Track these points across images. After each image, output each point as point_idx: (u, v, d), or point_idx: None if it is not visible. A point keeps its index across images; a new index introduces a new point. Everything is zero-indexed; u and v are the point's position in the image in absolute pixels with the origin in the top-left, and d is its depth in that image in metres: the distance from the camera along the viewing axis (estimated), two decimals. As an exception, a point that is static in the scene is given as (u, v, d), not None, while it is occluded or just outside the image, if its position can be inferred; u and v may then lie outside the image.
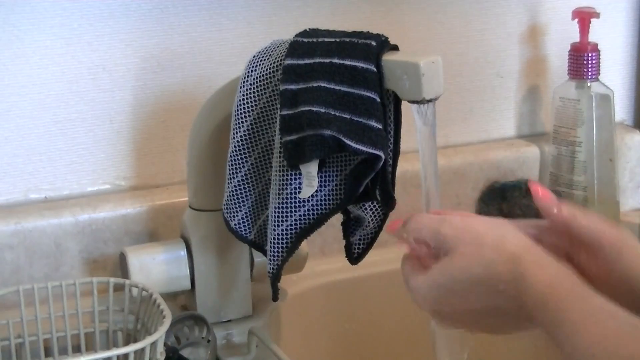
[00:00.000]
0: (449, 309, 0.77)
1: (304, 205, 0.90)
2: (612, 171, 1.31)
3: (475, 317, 0.77)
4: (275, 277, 0.93)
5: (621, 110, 1.41)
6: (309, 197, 0.89)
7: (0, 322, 0.95)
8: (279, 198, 0.90)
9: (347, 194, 0.90)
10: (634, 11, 1.40)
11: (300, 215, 0.91)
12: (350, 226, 0.95)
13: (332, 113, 0.85)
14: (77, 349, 0.98)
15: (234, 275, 1.05)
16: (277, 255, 0.92)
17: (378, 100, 0.85)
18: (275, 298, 0.95)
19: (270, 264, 0.93)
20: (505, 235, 0.75)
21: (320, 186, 0.90)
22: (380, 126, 0.85)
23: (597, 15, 1.29)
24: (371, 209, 0.93)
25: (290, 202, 0.90)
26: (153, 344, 0.86)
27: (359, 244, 0.95)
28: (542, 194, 0.81)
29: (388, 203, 0.90)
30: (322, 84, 0.86)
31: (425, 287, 0.77)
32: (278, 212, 0.91)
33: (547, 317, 0.70)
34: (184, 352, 0.96)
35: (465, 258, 0.74)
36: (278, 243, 0.91)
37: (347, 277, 1.16)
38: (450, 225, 0.77)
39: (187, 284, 1.03)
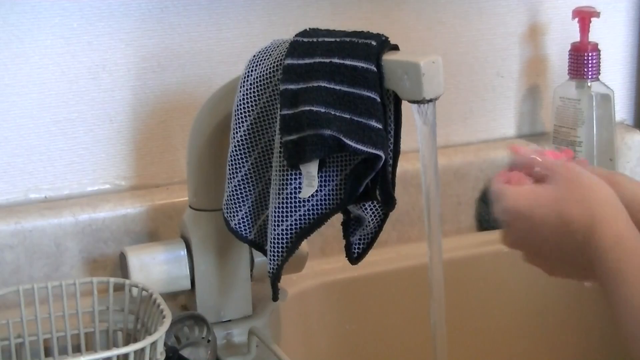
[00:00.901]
0: (525, 232, 0.82)
1: (304, 205, 0.90)
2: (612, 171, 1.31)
3: (546, 252, 0.83)
4: (275, 277, 0.93)
5: (621, 110, 1.41)
6: (309, 197, 0.89)
7: (0, 322, 0.95)
8: (279, 198, 0.90)
9: (347, 194, 0.90)
10: (634, 11, 1.40)
11: (300, 215, 0.91)
12: (350, 226, 0.95)
13: (333, 113, 0.85)
14: (77, 349, 0.98)
15: (234, 275, 1.05)
16: (277, 255, 0.92)
17: (378, 100, 0.85)
18: (275, 298, 0.95)
19: (270, 263, 0.93)
20: (596, 191, 0.81)
21: (320, 186, 0.90)
22: (380, 126, 0.85)
23: (597, 14, 1.29)
24: (371, 209, 0.93)
25: (290, 202, 0.90)
26: (153, 344, 0.86)
27: (359, 243, 0.95)
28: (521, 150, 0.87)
29: (388, 203, 0.90)
30: (323, 84, 0.86)
31: (514, 196, 0.83)
32: (278, 212, 0.91)
33: (607, 269, 0.76)
34: (184, 352, 0.96)
35: (555, 192, 0.81)
36: (278, 243, 0.91)
37: (347, 277, 1.16)
38: (565, 167, 0.83)
39: (187, 284, 1.03)
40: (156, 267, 1.02)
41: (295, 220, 0.91)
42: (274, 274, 0.93)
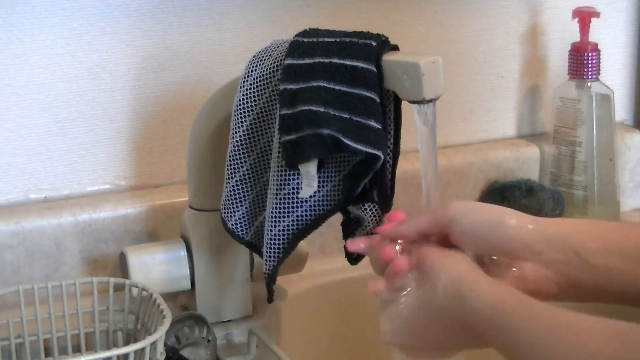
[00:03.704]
0: (406, 341, 0.82)
1: (301, 206, 0.90)
2: (612, 171, 1.31)
3: (428, 346, 0.81)
4: (270, 278, 0.93)
5: (621, 110, 1.41)
6: (307, 197, 0.89)
7: (0, 322, 0.95)
8: (276, 198, 0.90)
9: (345, 195, 0.90)
10: (634, 11, 1.40)
11: (297, 216, 0.90)
12: (350, 226, 0.95)
13: (332, 113, 0.85)
14: (77, 349, 0.98)
15: (234, 275, 1.05)
16: (274, 256, 0.92)
17: (378, 100, 0.85)
18: (270, 299, 0.94)
19: (266, 264, 0.93)
20: (455, 263, 0.78)
21: (319, 187, 0.90)
22: (379, 126, 0.85)
23: (597, 14, 1.29)
24: (371, 210, 0.93)
25: (288, 203, 0.90)
26: (153, 344, 0.86)
27: None
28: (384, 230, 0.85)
29: (384, 205, 0.90)
30: (322, 84, 0.86)
31: (385, 310, 0.82)
32: (275, 212, 0.91)
33: (496, 330, 0.73)
34: (184, 352, 0.96)
35: (417, 287, 0.79)
36: (275, 243, 0.91)
37: (347, 277, 1.16)
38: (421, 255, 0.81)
39: (187, 284, 1.03)
40: (156, 267, 1.02)
41: (293, 220, 0.91)
42: (269, 275, 0.93)
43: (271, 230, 0.91)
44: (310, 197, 0.90)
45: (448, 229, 0.81)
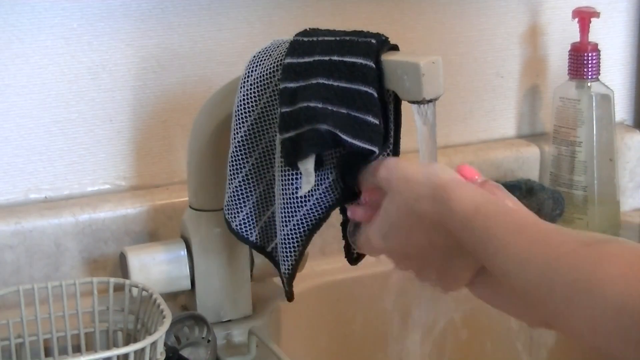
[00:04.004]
0: (399, 247, 0.84)
1: (307, 202, 0.90)
2: (612, 171, 1.31)
3: (422, 255, 0.82)
4: (290, 277, 0.93)
5: (621, 110, 1.42)
6: (310, 193, 0.89)
7: (0, 322, 0.95)
8: (282, 197, 0.90)
9: (348, 182, 0.90)
10: (634, 11, 1.40)
11: (305, 212, 0.90)
12: (349, 225, 0.95)
13: (330, 108, 0.85)
14: (77, 349, 0.98)
15: (234, 275, 1.05)
16: (290, 255, 0.92)
17: (376, 95, 0.85)
18: (290, 298, 0.95)
19: (283, 264, 0.92)
20: (433, 171, 0.81)
21: (321, 180, 0.90)
22: (377, 122, 0.85)
23: (597, 14, 1.29)
24: None
25: (294, 201, 0.90)
26: (153, 344, 0.86)
27: None
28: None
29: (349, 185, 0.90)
30: (321, 81, 0.86)
31: (372, 230, 0.84)
32: (284, 211, 0.91)
33: (474, 236, 0.75)
34: (184, 352, 0.96)
35: (398, 195, 0.82)
36: (289, 242, 0.91)
37: (347, 277, 1.16)
38: (385, 167, 0.84)
39: (187, 284, 1.03)
40: (156, 267, 1.02)
41: (301, 217, 0.91)
42: (289, 274, 0.93)
43: (282, 230, 0.91)
44: (314, 192, 0.90)
45: None
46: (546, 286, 0.69)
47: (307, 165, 0.86)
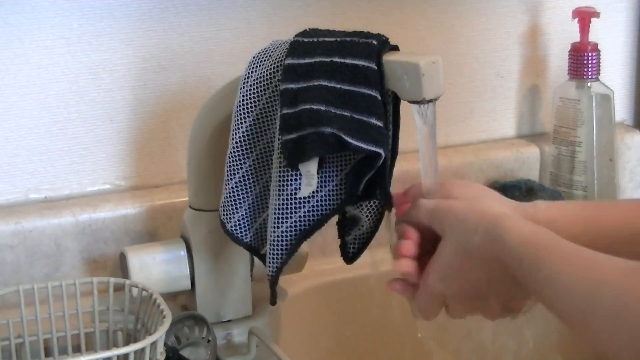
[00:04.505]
0: (458, 288, 0.84)
1: (304, 206, 0.90)
2: (612, 171, 1.31)
3: (482, 292, 0.83)
4: (274, 280, 0.93)
5: (621, 110, 1.42)
6: (309, 197, 0.89)
7: (0, 322, 0.95)
8: (279, 199, 0.90)
9: (348, 194, 0.89)
10: (634, 11, 1.40)
11: (300, 216, 0.90)
12: (345, 225, 0.95)
13: (333, 111, 0.85)
14: (77, 349, 0.98)
15: (234, 275, 1.05)
16: (277, 257, 0.92)
17: (379, 98, 0.85)
18: (273, 302, 0.94)
19: (269, 266, 0.92)
20: (483, 207, 0.83)
21: (320, 186, 0.90)
22: (381, 124, 0.85)
23: (597, 14, 1.29)
24: (367, 209, 0.93)
25: (291, 203, 0.90)
26: (153, 344, 0.86)
27: (354, 243, 0.95)
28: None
29: (387, 202, 0.90)
30: (323, 83, 0.86)
31: (431, 275, 0.84)
32: (278, 213, 0.90)
33: (525, 266, 0.77)
34: (184, 352, 0.96)
35: (450, 236, 0.83)
36: (278, 244, 0.91)
37: (347, 277, 1.16)
38: (439, 212, 0.85)
39: (187, 284, 1.03)
40: (156, 267, 1.02)
41: (295, 221, 0.90)
42: (273, 277, 0.93)
43: (274, 232, 0.91)
44: (313, 196, 0.89)
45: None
46: (590, 310, 0.71)
47: (310, 168, 0.86)
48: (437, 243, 0.85)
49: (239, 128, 0.93)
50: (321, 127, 0.84)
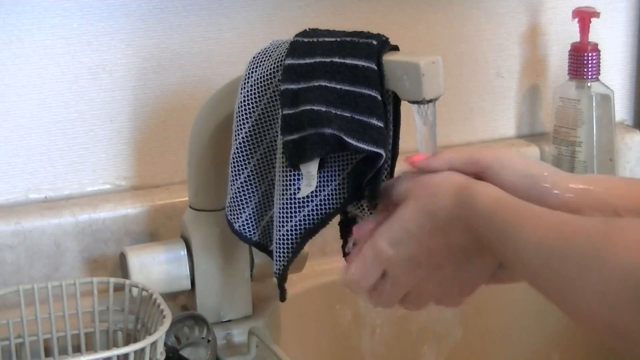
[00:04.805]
0: (411, 253, 0.81)
1: (307, 205, 0.90)
2: (612, 171, 1.31)
3: (436, 261, 0.81)
4: (281, 278, 0.93)
5: (621, 110, 1.42)
6: (312, 196, 0.89)
7: (0, 322, 0.95)
8: (282, 198, 0.90)
9: (350, 193, 0.90)
10: (634, 11, 1.40)
11: (304, 215, 0.90)
12: (348, 225, 0.95)
13: (333, 112, 0.85)
14: (77, 349, 0.98)
15: (234, 275, 1.05)
16: (283, 256, 0.92)
17: (379, 98, 0.85)
18: (282, 298, 0.95)
19: (276, 264, 0.92)
20: (452, 175, 0.81)
21: (323, 185, 0.90)
22: (381, 124, 0.85)
23: (597, 14, 1.29)
24: (368, 209, 0.93)
25: (294, 202, 0.90)
26: (153, 344, 0.86)
27: None
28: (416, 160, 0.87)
29: (373, 200, 0.89)
30: (323, 83, 0.86)
31: (381, 237, 0.83)
32: (282, 212, 0.90)
33: (493, 228, 0.75)
34: (184, 352, 0.96)
35: (416, 200, 0.81)
36: (283, 243, 0.91)
37: (347, 277, 1.16)
38: (402, 181, 0.84)
39: (187, 284, 1.03)
40: (156, 267, 1.02)
41: (300, 220, 0.91)
42: (280, 275, 0.93)
43: (279, 231, 0.91)
44: (316, 196, 0.90)
45: (483, 174, 0.83)
46: (559, 261, 0.69)
47: (310, 168, 0.86)
48: None
49: (241, 128, 0.93)
50: (322, 128, 0.84)
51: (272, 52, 0.92)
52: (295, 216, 0.90)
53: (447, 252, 0.81)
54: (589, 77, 1.29)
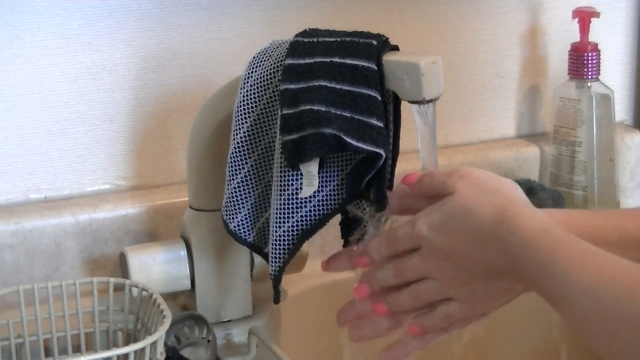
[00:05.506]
0: (443, 244, 0.80)
1: (305, 206, 0.90)
2: (612, 171, 1.31)
3: (462, 273, 0.80)
4: (277, 279, 0.93)
5: (621, 110, 1.41)
6: (310, 197, 0.89)
7: (1, 322, 0.95)
8: (280, 199, 0.90)
9: (349, 194, 0.89)
10: (634, 11, 1.40)
11: (301, 216, 0.90)
12: (348, 225, 0.95)
13: (333, 112, 0.85)
14: (77, 349, 0.98)
15: (234, 275, 1.05)
16: (279, 257, 0.92)
17: (379, 98, 0.85)
18: (277, 300, 0.94)
19: (272, 265, 0.92)
20: (509, 186, 0.80)
21: (321, 186, 0.90)
22: (381, 124, 0.85)
23: (597, 14, 1.29)
24: (370, 209, 0.93)
25: (292, 203, 0.90)
26: (153, 344, 0.86)
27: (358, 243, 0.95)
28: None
29: (381, 203, 0.89)
30: (323, 83, 0.86)
31: (424, 216, 0.81)
32: (279, 213, 0.90)
33: (538, 257, 0.72)
34: (184, 352, 0.96)
35: (462, 198, 0.79)
36: (280, 244, 0.91)
37: (347, 277, 1.16)
38: (458, 174, 0.81)
39: (187, 284, 1.03)
40: (156, 267, 1.02)
41: (297, 221, 0.91)
42: (275, 276, 0.93)
43: (276, 231, 0.91)
44: (314, 196, 0.89)
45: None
46: (616, 316, 0.67)
47: (310, 168, 0.86)
48: None
49: (240, 128, 0.93)
50: (321, 128, 0.84)
51: (272, 52, 0.92)
52: (293, 217, 0.90)
53: (477, 261, 0.79)
54: (589, 77, 1.29)
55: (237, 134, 0.93)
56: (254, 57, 0.93)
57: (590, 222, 0.83)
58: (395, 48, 0.88)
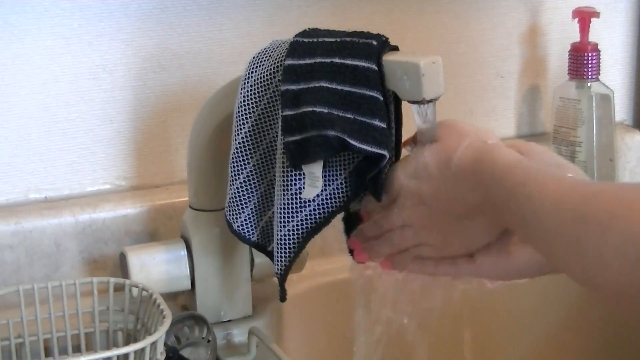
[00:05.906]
0: (421, 190, 0.84)
1: (309, 205, 0.90)
2: (612, 171, 1.31)
3: (443, 206, 0.83)
4: (282, 278, 0.93)
5: (621, 110, 1.42)
6: (313, 196, 0.89)
7: (0, 322, 0.95)
8: (283, 198, 0.90)
9: (353, 191, 0.89)
10: (634, 11, 1.40)
11: (306, 215, 0.90)
12: (351, 221, 0.94)
13: (335, 113, 0.85)
14: (77, 349, 0.98)
15: (234, 275, 1.05)
16: (284, 256, 0.92)
17: (381, 99, 0.85)
18: (283, 298, 0.95)
19: (277, 264, 0.92)
20: (486, 132, 0.84)
21: (325, 184, 0.89)
22: (384, 125, 0.85)
23: (597, 14, 1.29)
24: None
25: (295, 202, 0.90)
26: (153, 344, 0.86)
27: None
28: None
29: (379, 195, 0.89)
30: (324, 84, 0.86)
31: (402, 168, 0.86)
32: (283, 212, 0.90)
33: (510, 181, 0.76)
34: (184, 352, 0.96)
35: (441, 141, 0.84)
36: (285, 243, 0.91)
37: (347, 277, 1.16)
38: (443, 123, 0.86)
39: (187, 284, 1.03)
40: (156, 267, 1.02)
41: (301, 220, 0.91)
42: (281, 275, 0.93)
43: (280, 231, 0.91)
44: (318, 195, 0.89)
45: None
46: (579, 222, 0.69)
47: (313, 169, 0.86)
48: None
49: (241, 128, 0.93)
50: (324, 130, 0.84)
51: (272, 52, 0.92)
52: (297, 216, 0.90)
53: (453, 202, 0.82)
54: (589, 77, 1.29)
55: (238, 134, 0.93)
56: (254, 57, 0.93)
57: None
58: (395, 48, 0.88)
